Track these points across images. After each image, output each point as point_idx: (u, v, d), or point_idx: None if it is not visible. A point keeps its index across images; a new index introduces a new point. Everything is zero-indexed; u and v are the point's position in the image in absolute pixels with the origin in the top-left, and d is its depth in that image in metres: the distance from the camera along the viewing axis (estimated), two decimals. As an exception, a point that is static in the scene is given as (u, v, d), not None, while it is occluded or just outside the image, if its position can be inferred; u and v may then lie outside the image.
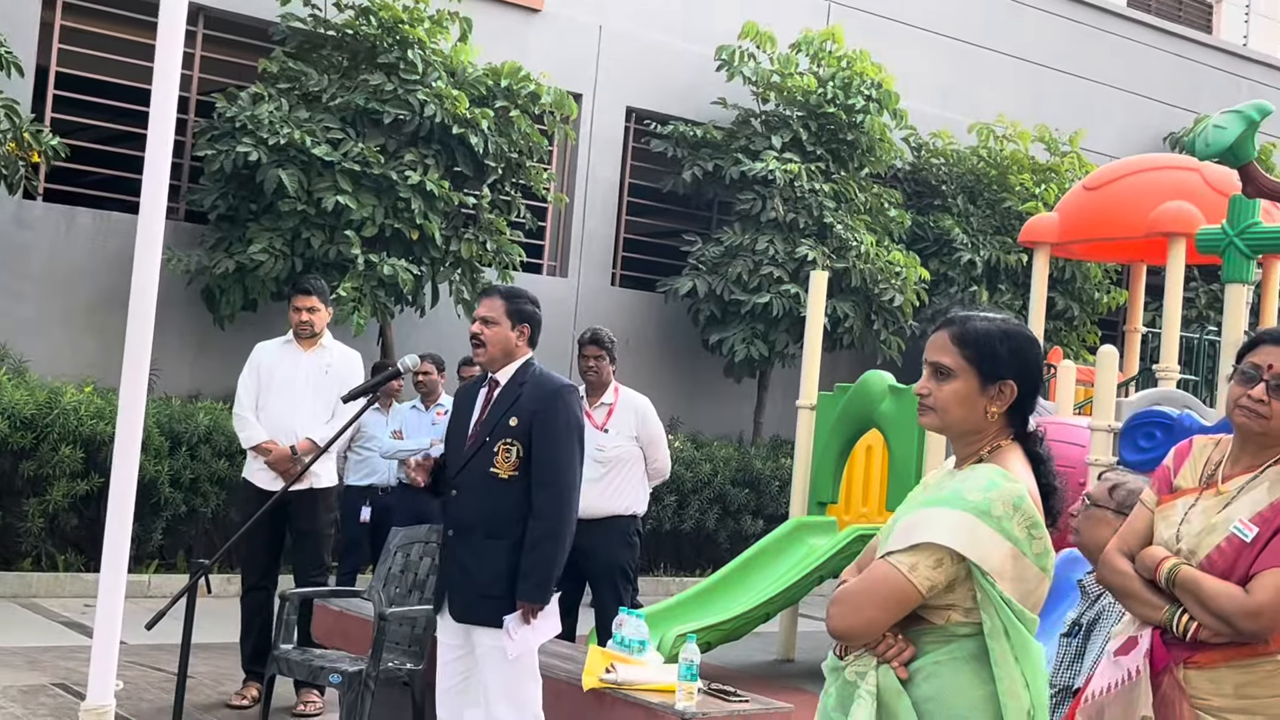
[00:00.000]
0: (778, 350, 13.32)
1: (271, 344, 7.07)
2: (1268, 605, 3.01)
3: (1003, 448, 2.78)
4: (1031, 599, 2.70)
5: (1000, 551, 2.65)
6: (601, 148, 14.20)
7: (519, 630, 4.59)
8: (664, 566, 13.10)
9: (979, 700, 2.66)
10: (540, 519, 4.62)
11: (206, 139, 11.02)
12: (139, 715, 6.23)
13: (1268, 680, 3.05)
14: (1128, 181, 10.25)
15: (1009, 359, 2.76)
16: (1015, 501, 2.67)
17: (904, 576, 2.66)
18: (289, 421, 6.68)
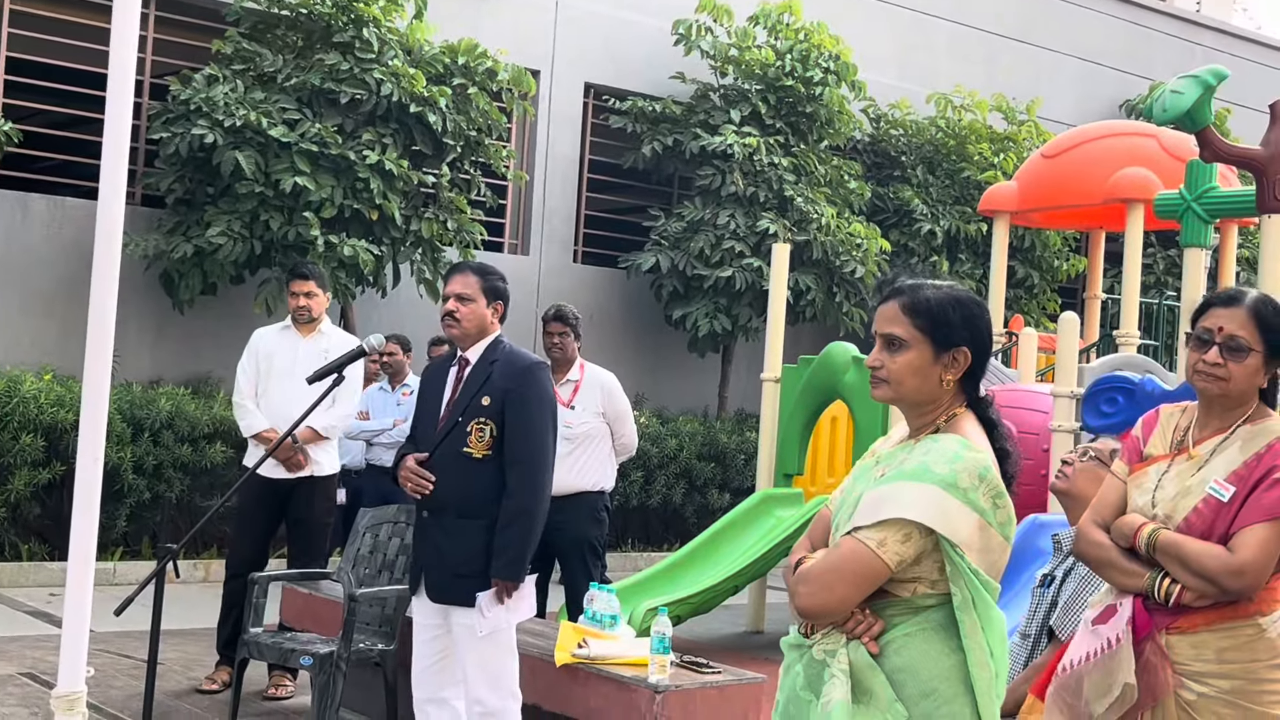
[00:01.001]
0: (741, 324, 13.34)
1: (270, 330, 6.98)
2: (1251, 562, 3.03)
3: (958, 415, 2.77)
4: (995, 568, 2.70)
5: (969, 523, 2.64)
6: (560, 124, 14.15)
7: (492, 608, 4.58)
8: (632, 542, 13.12)
9: (948, 669, 2.67)
10: (513, 497, 4.60)
11: (161, 122, 10.91)
12: (109, 703, 6.19)
13: (1248, 644, 3.06)
14: (1086, 149, 10.32)
15: (961, 326, 2.75)
16: (981, 472, 2.67)
17: (873, 552, 2.64)
18: (288, 409, 6.48)
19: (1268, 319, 3.15)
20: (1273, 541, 3.05)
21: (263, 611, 5.71)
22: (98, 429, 3.19)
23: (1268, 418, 3.20)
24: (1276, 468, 3.09)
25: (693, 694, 4.82)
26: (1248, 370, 3.15)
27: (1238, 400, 3.19)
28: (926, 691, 2.65)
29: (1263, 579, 3.05)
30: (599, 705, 4.91)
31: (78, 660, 3.12)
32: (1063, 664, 3.30)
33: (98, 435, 3.20)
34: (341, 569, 5.88)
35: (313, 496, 6.69)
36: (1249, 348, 3.14)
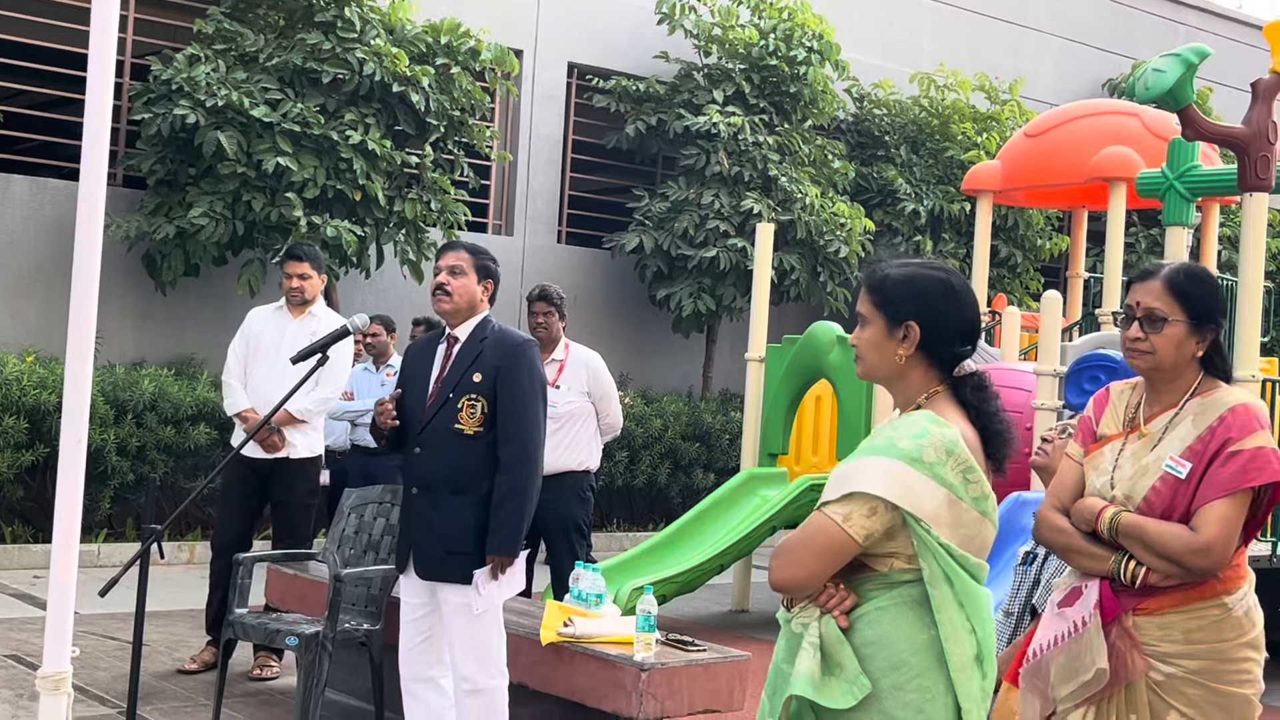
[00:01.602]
0: (725, 304, 13.34)
1: (264, 310, 6.94)
2: (1215, 540, 3.02)
3: (938, 394, 2.79)
4: (974, 544, 2.71)
5: (934, 498, 2.66)
6: (544, 104, 14.12)
7: (487, 585, 4.59)
8: (617, 522, 13.14)
9: (921, 645, 2.68)
10: (507, 473, 4.61)
11: (142, 102, 10.84)
12: (94, 684, 6.19)
13: (1215, 625, 3.06)
14: (1068, 128, 10.34)
15: (909, 300, 2.77)
16: (948, 447, 2.68)
17: (839, 527, 2.66)
18: (270, 389, 6.48)
19: (1182, 288, 3.14)
20: (1234, 517, 3.04)
21: (248, 592, 5.70)
22: (81, 411, 3.19)
23: (1217, 389, 3.17)
24: (1230, 440, 3.06)
25: (678, 672, 4.84)
26: (1170, 341, 3.13)
27: (1174, 373, 3.17)
28: (896, 664, 2.67)
29: (1227, 556, 3.04)
30: (585, 684, 4.93)
31: (62, 641, 3.12)
32: (1031, 649, 3.30)
33: (81, 417, 3.19)
34: (326, 549, 5.88)
35: (292, 478, 6.63)
36: (1165, 317, 3.13)
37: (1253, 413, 3.10)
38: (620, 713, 4.81)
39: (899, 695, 2.66)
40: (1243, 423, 3.08)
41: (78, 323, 3.23)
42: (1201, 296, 3.16)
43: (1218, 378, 3.20)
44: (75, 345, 3.19)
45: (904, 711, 2.66)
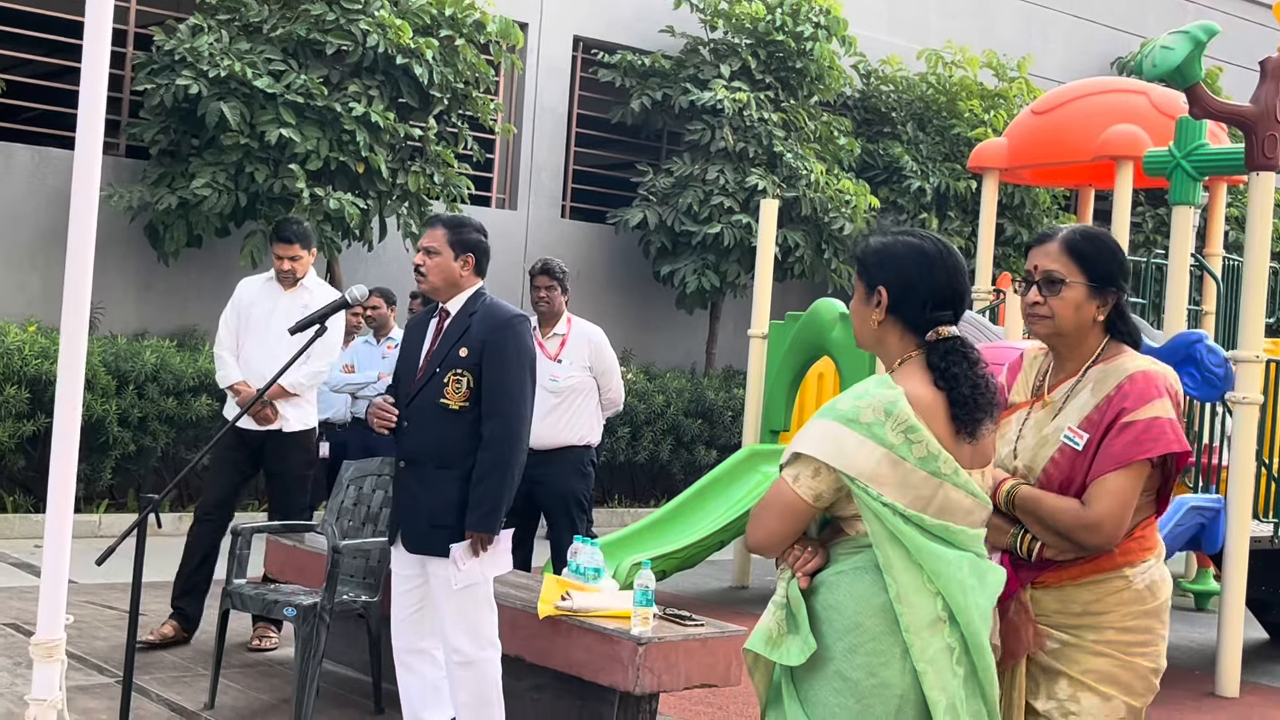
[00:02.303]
0: (729, 281, 13.31)
1: (255, 280, 6.86)
2: (1105, 515, 2.92)
3: (911, 359, 2.83)
4: (934, 505, 2.71)
5: (871, 457, 2.69)
6: (549, 78, 14.05)
7: (466, 560, 4.57)
8: (618, 498, 13.14)
9: (876, 608, 2.71)
10: (490, 449, 4.59)
11: (146, 73, 10.81)
12: (92, 653, 6.19)
13: (1115, 596, 2.98)
14: (1076, 105, 10.26)
15: (879, 266, 2.85)
16: (887, 407, 2.71)
17: (790, 488, 2.76)
18: (262, 362, 6.45)
19: (1079, 248, 3.03)
20: (1126, 490, 2.92)
21: (246, 563, 5.69)
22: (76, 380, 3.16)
23: (1119, 355, 3.04)
24: (1124, 410, 2.94)
25: (675, 646, 4.83)
26: (1068, 304, 3.02)
27: (1076, 338, 3.06)
28: (851, 627, 2.73)
29: (1119, 531, 2.94)
30: (581, 657, 4.92)
31: (56, 609, 3.11)
32: None
33: (76, 386, 3.17)
34: (325, 521, 5.87)
35: (285, 450, 6.58)
36: (1063, 279, 3.01)
37: (1151, 380, 2.96)
38: (617, 686, 4.80)
39: (852, 658, 2.71)
40: (1140, 391, 2.94)
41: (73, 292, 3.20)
42: (1100, 257, 3.03)
43: (1124, 342, 3.07)
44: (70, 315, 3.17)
45: (857, 673, 2.71)
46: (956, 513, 2.74)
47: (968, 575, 2.72)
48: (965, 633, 2.71)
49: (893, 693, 2.69)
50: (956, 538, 2.73)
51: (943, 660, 2.69)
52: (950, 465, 2.72)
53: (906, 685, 2.69)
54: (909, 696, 2.69)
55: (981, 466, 2.84)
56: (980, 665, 2.74)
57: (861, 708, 2.70)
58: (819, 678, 2.74)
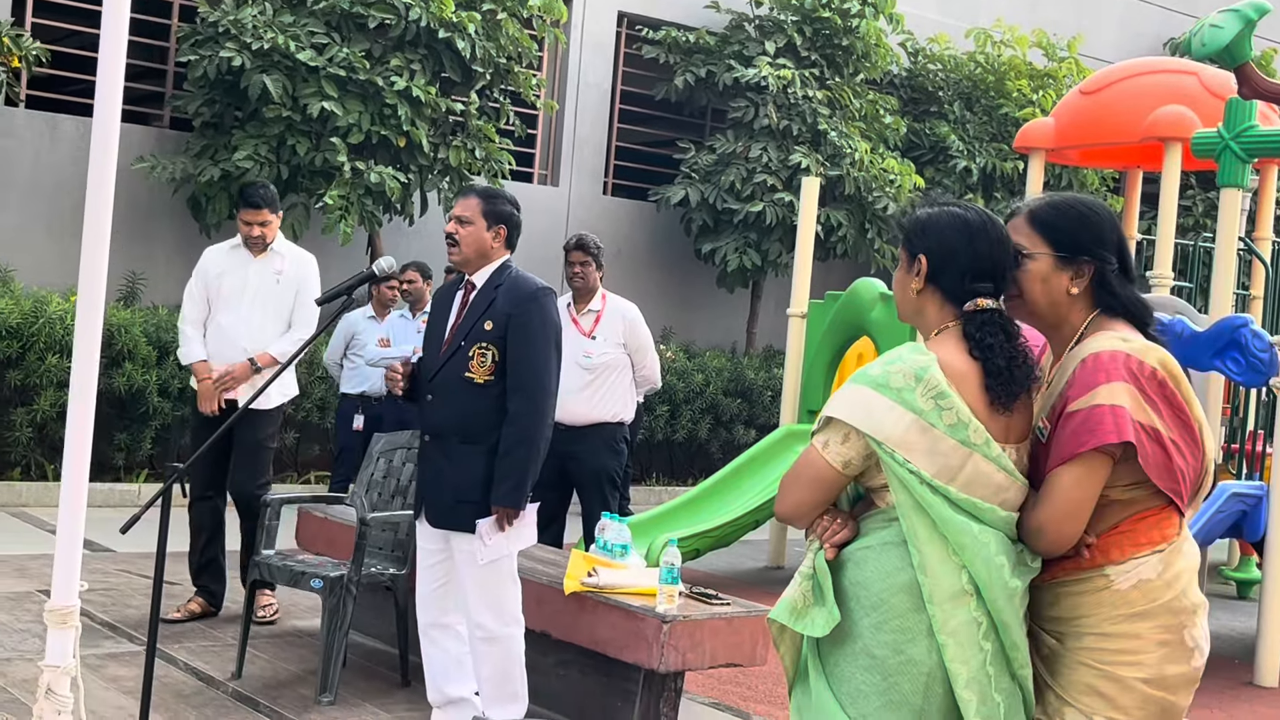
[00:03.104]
0: (771, 259, 13.23)
1: (219, 249, 6.57)
2: (1047, 519, 2.68)
3: (948, 329, 2.79)
4: (961, 477, 2.66)
5: (900, 423, 2.65)
6: (592, 53, 13.99)
7: (492, 535, 4.54)
8: (656, 476, 13.12)
9: (902, 584, 2.68)
10: (515, 424, 4.54)
11: (190, 44, 10.84)
12: (124, 621, 6.22)
13: (1095, 596, 2.71)
14: (1124, 86, 10.09)
15: (921, 235, 2.81)
16: (917, 373, 2.67)
17: (820, 455, 2.73)
18: (235, 334, 6.32)
19: (1043, 217, 2.81)
20: (1072, 488, 2.66)
21: (275, 534, 5.70)
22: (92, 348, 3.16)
23: (1096, 334, 2.76)
24: (1069, 399, 2.69)
25: (700, 624, 4.79)
26: (1034, 277, 2.79)
27: (1053, 316, 2.80)
28: (876, 604, 2.69)
29: (1065, 532, 2.67)
30: (606, 634, 4.89)
31: (71, 575, 3.11)
32: None
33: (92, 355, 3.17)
34: (355, 493, 5.87)
35: (257, 422, 6.32)
36: (1029, 253, 2.79)
37: (1102, 363, 2.67)
38: (641, 664, 4.77)
39: (879, 635, 2.68)
40: (1086, 376, 2.67)
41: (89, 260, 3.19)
42: (1065, 226, 2.79)
43: (1117, 316, 2.78)
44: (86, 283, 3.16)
45: (883, 650, 2.67)
46: (987, 487, 2.68)
47: (995, 552, 2.66)
48: (990, 609, 2.66)
49: (919, 670, 2.65)
50: (985, 515, 2.67)
51: (966, 633, 2.64)
52: (981, 435, 2.67)
53: (934, 663, 2.65)
54: (936, 674, 2.65)
55: (1018, 442, 2.76)
56: (1008, 643, 2.68)
57: (888, 685, 2.66)
58: (845, 654, 2.71)
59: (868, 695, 2.68)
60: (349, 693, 5.36)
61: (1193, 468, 2.76)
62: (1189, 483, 2.76)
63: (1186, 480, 2.74)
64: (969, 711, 2.64)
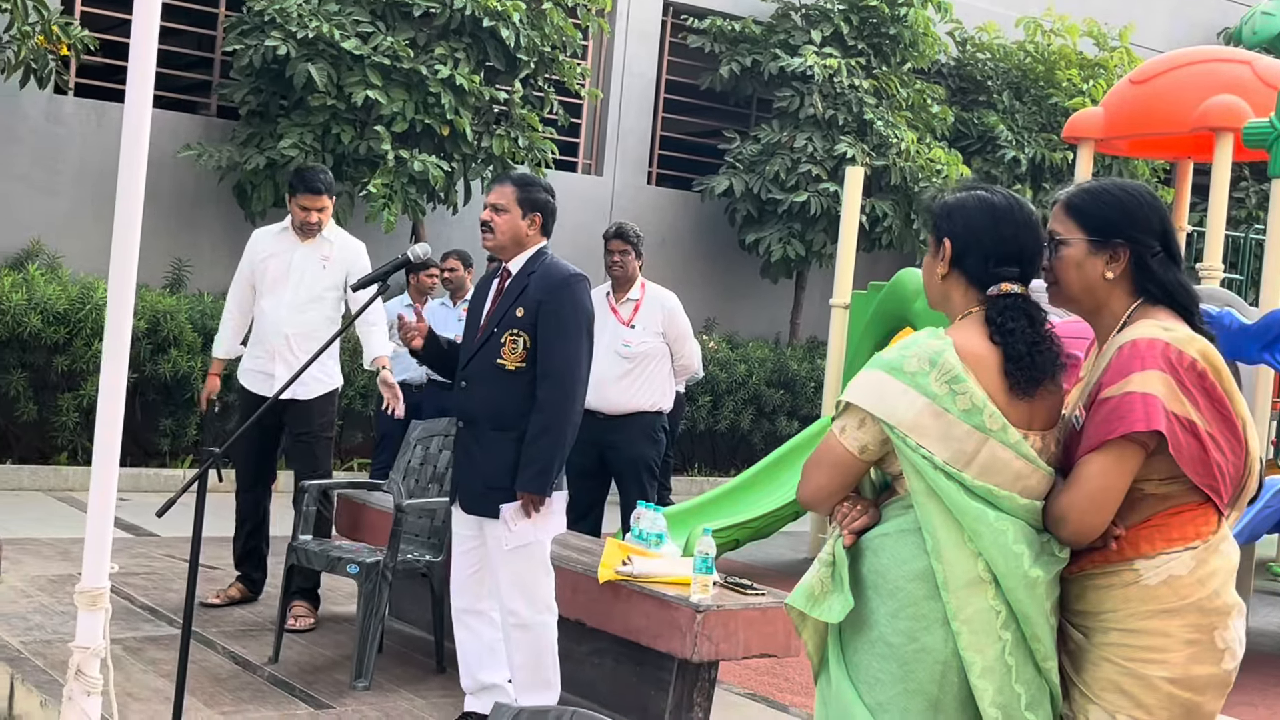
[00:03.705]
0: (815, 250, 13.16)
1: (268, 231, 6.42)
2: (1070, 506, 2.63)
3: (971, 314, 2.77)
4: (976, 464, 2.62)
5: (912, 406, 2.63)
6: (638, 42, 13.96)
7: (518, 521, 4.53)
8: (698, 467, 13.09)
9: (918, 572, 2.66)
10: (543, 411, 4.53)
11: (236, 33, 10.90)
12: (164, 605, 6.27)
13: (1123, 591, 2.65)
14: (1175, 75, 9.96)
15: (946, 219, 2.80)
16: (932, 357, 2.65)
17: (838, 440, 2.72)
18: (276, 318, 6.19)
19: (1076, 204, 2.78)
20: (1099, 477, 2.61)
21: (312, 520, 5.72)
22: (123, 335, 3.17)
23: (1138, 321, 2.71)
24: (1102, 386, 2.66)
25: (734, 614, 4.76)
26: (1068, 263, 2.76)
27: (1090, 302, 2.77)
28: (892, 591, 2.68)
29: (1089, 522, 2.62)
30: (640, 623, 4.87)
31: (101, 557, 3.13)
32: None
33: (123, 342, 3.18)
34: (392, 480, 5.89)
35: (307, 414, 6.22)
36: (1063, 238, 2.77)
37: (1139, 351, 2.62)
38: (674, 653, 4.75)
39: (895, 623, 2.67)
40: (1121, 363, 2.63)
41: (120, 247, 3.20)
42: (1098, 210, 2.75)
43: (1161, 304, 2.73)
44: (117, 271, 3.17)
45: (899, 638, 2.66)
46: (1004, 474, 2.63)
47: (1012, 541, 2.62)
48: (1009, 599, 2.62)
49: (934, 658, 2.63)
50: (1002, 502, 2.63)
51: (982, 621, 2.61)
52: (997, 421, 2.63)
53: (949, 651, 2.62)
54: (952, 663, 2.63)
55: (1042, 429, 2.71)
56: (1029, 634, 2.64)
57: (904, 673, 2.64)
58: (863, 643, 2.70)
59: (884, 683, 2.66)
60: (384, 678, 5.37)
61: (1233, 464, 2.70)
62: (1229, 480, 2.69)
63: (1226, 477, 2.68)
64: (984, 701, 2.60)
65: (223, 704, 4.93)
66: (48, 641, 5.50)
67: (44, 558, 7.14)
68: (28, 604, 6.09)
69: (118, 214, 3.18)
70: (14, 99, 10.62)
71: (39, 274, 10.23)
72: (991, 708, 2.60)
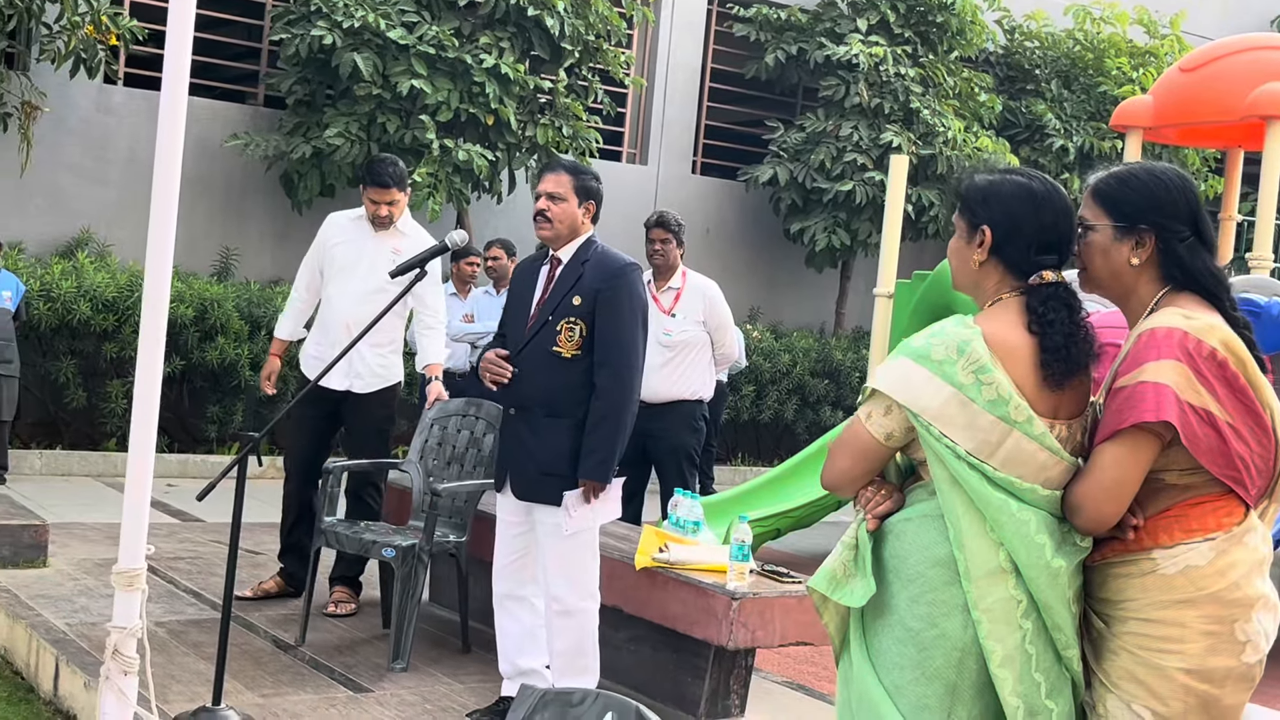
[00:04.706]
0: (860, 239, 13.11)
1: (343, 217, 6.29)
2: (1084, 494, 2.62)
3: (1002, 300, 2.73)
4: (999, 454, 2.60)
5: (939, 395, 2.61)
6: (682, 31, 13.94)
7: (578, 508, 4.56)
8: (742, 456, 13.08)
9: (939, 558, 2.65)
10: (603, 398, 4.55)
11: (283, 23, 10.98)
12: (207, 589, 6.33)
13: (1141, 580, 2.64)
14: (1225, 63, 9.83)
15: (984, 204, 2.75)
16: (960, 345, 2.62)
17: (863, 425, 2.72)
18: (340, 306, 6.07)
19: (1104, 189, 2.75)
20: (1112, 466, 2.59)
21: (336, 501, 5.76)
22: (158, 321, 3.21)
23: (1162, 309, 2.68)
24: (1119, 375, 2.64)
25: (770, 602, 4.76)
26: (1095, 249, 2.74)
27: (1117, 289, 2.75)
28: (913, 577, 2.68)
29: (1104, 510, 2.60)
30: (677, 610, 4.88)
31: (138, 540, 3.17)
32: None
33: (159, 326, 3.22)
34: (410, 461, 5.93)
35: (366, 407, 6.11)
36: (1090, 224, 2.75)
37: (1155, 340, 2.60)
38: (711, 640, 4.76)
39: (914, 608, 2.67)
40: (1137, 353, 2.62)
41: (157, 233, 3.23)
42: (1124, 195, 2.72)
43: (1187, 290, 2.70)
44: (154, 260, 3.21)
45: (918, 623, 2.66)
46: (1027, 465, 2.62)
47: (1034, 531, 2.60)
48: (1030, 589, 2.61)
49: (953, 644, 2.63)
50: (1024, 494, 2.61)
51: (1003, 611, 2.60)
52: (1023, 413, 2.60)
53: (968, 638, 2.62)
54: (970, 649, 2.62)
55: (1068, 418, 2.69)
56: (1050, 624, 2.63)
57: (922, 658, 2.64)
58: (883, 627, 2.71)
59: (902, 667, 2.66)
60: (420, 660, 5.41)
61: (1259, 455, 2.66)
62: (1254, 471, 2.65)
63: (1250, 468, 2.64)
64: (1004, 689, 2.59)
65: (263, 687, 4.98)
66: (92, 624, 5.56)
67: (90, 542, 7.23)
68: (73, 587, 6.17)
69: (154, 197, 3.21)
70: (64, 88, 10.75)
71: (88, 262, 10.36)
72: (1012, 696, 2.59)
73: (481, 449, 5.86)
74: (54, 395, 10.26)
